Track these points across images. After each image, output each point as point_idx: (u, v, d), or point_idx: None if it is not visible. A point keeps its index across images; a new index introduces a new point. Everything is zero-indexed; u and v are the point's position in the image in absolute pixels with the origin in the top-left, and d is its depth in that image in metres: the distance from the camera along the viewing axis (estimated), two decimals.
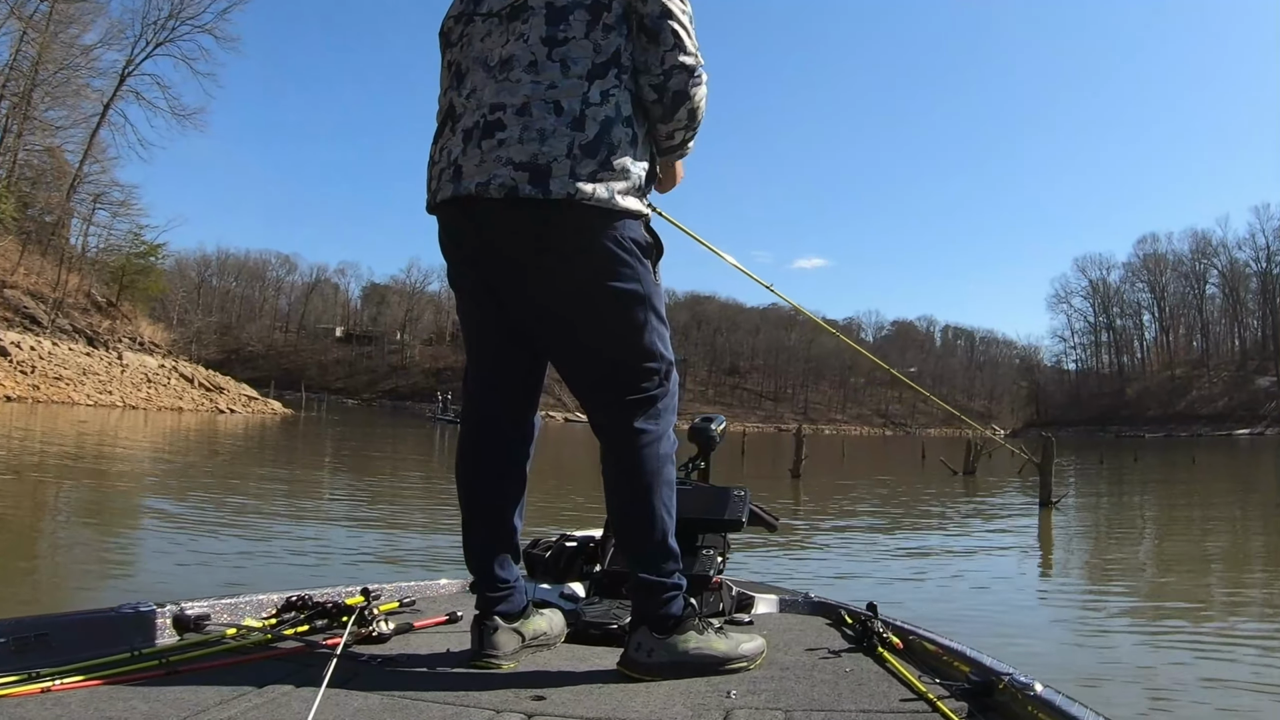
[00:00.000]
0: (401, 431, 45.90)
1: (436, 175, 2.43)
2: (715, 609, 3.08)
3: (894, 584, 8.51)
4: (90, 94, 49.75)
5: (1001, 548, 12.09)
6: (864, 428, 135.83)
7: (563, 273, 2.33)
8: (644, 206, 2.41)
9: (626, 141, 2.34)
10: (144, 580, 6.80)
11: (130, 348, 48.17)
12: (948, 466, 28.83)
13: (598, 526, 3.68)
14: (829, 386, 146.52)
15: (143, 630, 2.44)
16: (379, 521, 11.47)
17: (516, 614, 2.51)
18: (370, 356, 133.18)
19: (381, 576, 3.38)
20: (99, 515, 10.48)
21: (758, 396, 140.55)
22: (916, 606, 6.83)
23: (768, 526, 3.67)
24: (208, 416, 40.83)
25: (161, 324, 63.78)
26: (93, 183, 51.68)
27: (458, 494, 2.58)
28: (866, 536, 12.48)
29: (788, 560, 9.50)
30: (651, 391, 2.41)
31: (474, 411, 2.60)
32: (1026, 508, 17.34)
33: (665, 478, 2.40)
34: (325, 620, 2.57)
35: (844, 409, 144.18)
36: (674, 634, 2.34)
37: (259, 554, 8.42)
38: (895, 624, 2.79)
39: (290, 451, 25.70)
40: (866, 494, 20.52)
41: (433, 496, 14.31)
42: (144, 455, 19.25)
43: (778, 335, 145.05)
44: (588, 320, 2.37)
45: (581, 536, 3.65)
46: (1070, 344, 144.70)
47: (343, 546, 9.12)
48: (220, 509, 11.22)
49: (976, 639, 2.60)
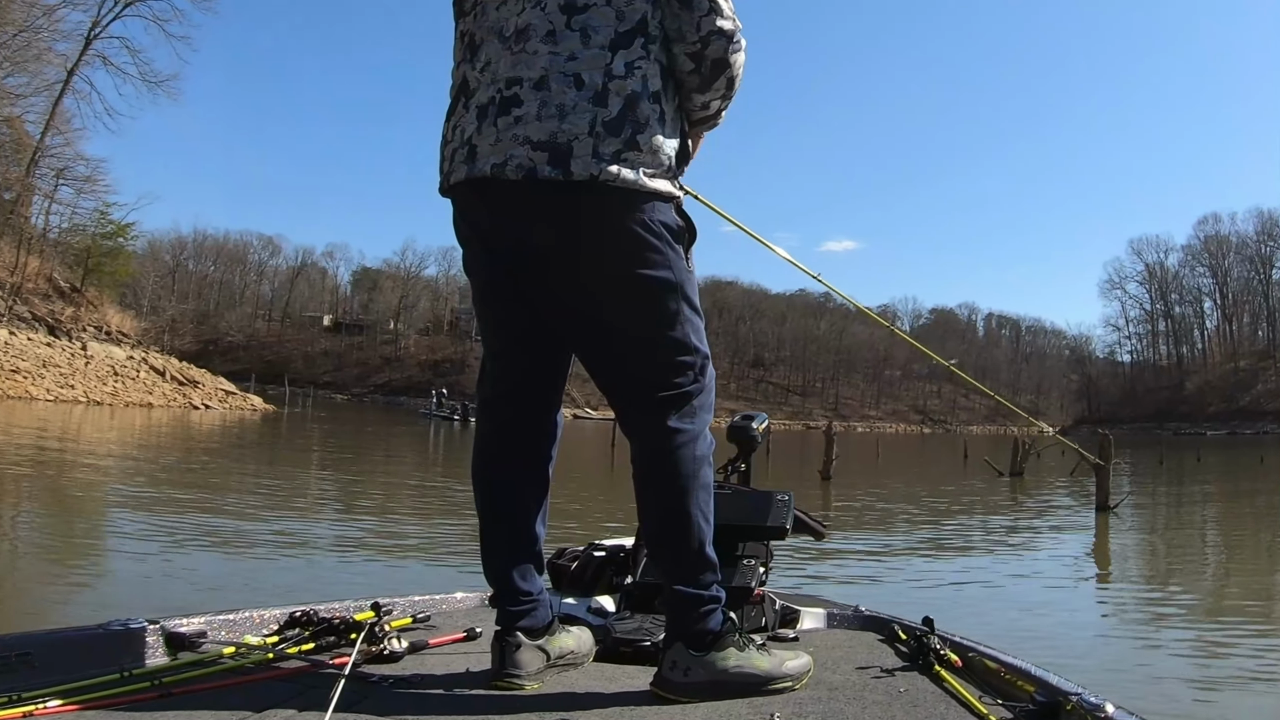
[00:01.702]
0: (395, 429, 46.03)
1: (449, 155, 2.42)
2: (757, 624, 3.07)
3: (935, 598, 8.50)
4: (53, 59, 49.25)
5: (1055, 557, 12.07)
6: (900, 425, 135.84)
7: (587, 260, 2.32)
8: (675, 188, 2.38)
9: (654, 118, 2.31)
10: (129, 594, 6.81)
11: (96, 338, 48.03)
12: (993, 467, 28.81)
13: (628, 534, 3.67)
14: (862, 380, 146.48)
15: (133, 649, 2.42)
16: (386, 528, 11.53)
17: (540, 630, 2.49)
18: (361, 347, 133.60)
19: (393, 589, 3.38)
20: (69, 523, 10.53)
21: (784, 391, 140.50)
22: (960, 622, 6.82)
23: (814, 534, 3.65)
24: (180, 413, 40.81)
25: (131, 312, 63.74)
26: (55, 156, 51.02)
27: (475, 498, 2.57)
28: (904, 545, 12.48)
29: (819, 571, 9.48)
30: (686, 387, 2.39)
31: (492, 408, 2.59)
32: (1081, 513, 17.31)
33: (702, 481, 2.38)
34: (332, 637, 2.55)
35: (878, 404, 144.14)
36: (712, 651, 2.32)
37: (257, 565, 8.45)
38: (953, 640, 2.76)
39: (273, 451, 25.78)
40: (904, 498, 20.51)
41: (442, 500, 14.37)
42: (113, 455, 19.30)
43: (806, 324, 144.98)
44: (615, 311, 2.36)
45: (611, 545, 3.63)
46: (1124, 333, 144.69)
47: (349, 557, 9.16)
48: (210, 514, 11.27)
49: (1030, 657, 2.59)
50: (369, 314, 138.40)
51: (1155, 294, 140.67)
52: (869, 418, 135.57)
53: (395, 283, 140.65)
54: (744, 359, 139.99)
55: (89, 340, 47.17)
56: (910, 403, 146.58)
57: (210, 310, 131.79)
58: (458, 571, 8.34)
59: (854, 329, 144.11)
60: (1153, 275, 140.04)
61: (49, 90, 49.73)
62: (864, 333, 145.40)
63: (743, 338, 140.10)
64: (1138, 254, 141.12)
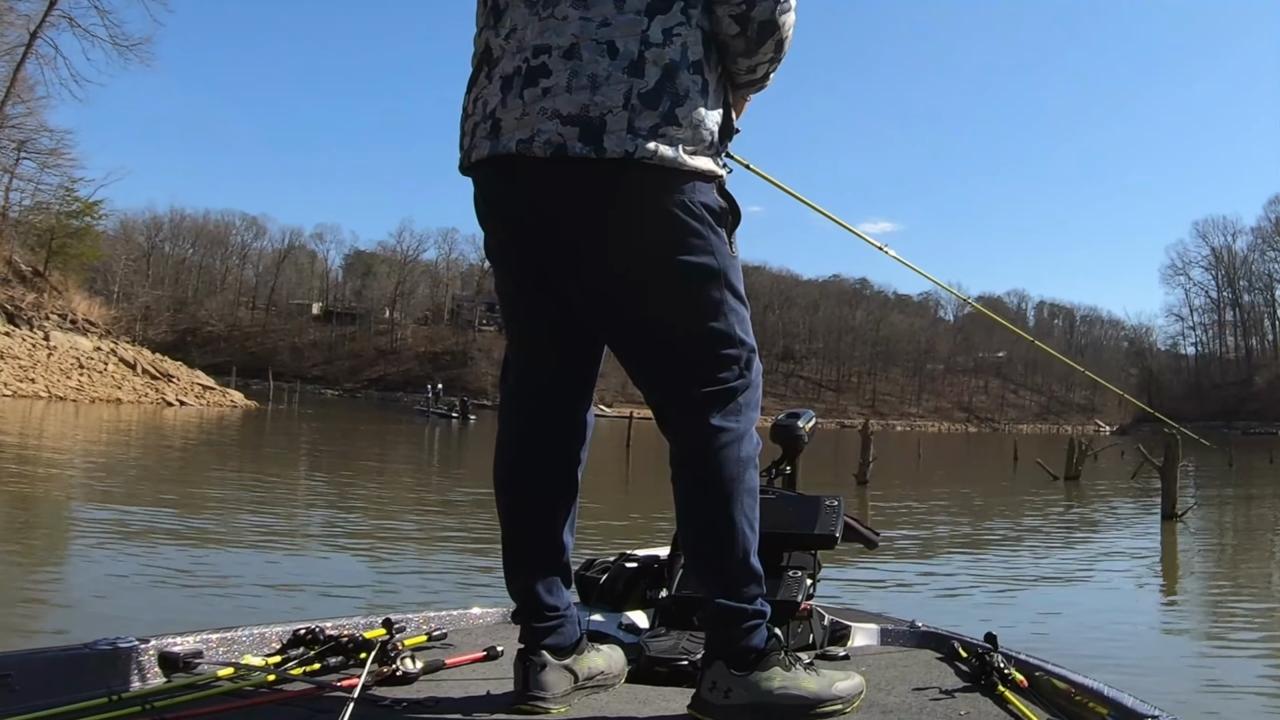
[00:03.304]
0: (387, 429, 46.06)
1: (470, 130, 2.41)
2: (804, 641, 3.07)
3: (985, 614, 8.46)
4: (14, 20, 48.54)
5: (1117, 571, 12.01)
6: (942, 423, 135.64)
7: (621, 245, 2.30)
8: (717, 166, 2.37)
9: (695, 89, 2.29)
10: (119, 610, 6.82)
11: (60, 326, 47.80)
12: (1046, 470, 28.75)
13: (663, 543, 3.66)
14: (901, 374, 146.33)
15: (122, 670, 2.42)
16: (391, 533, 11.56)
17: (568, 648, 2.49)
18: (354, 338, 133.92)
19: (406, 604, 3.36)
20: (39, 532, 10.59)
21: (816, 386, 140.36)
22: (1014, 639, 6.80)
23: (866, 543, 3.64)
24: (152, 409, 40.90)
25: (100, 298, 63.76)
26: (17, 127, 50.11)
27: (497, 505, 2.57)
28: (949, 556, 12.46)
29: (859, 584, 9.47)
30: (730, 383, 2.38)
31: (516, 406, 2.59)
32: (1145, 521, 17.25)
33: (747, 485, 2.37)
34: (340, 657, 2.55)
35: (919, 401, 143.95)
36: (756, 671, 2.31)
37: (254, 577, 8.47)
38: (1019, 658, 2.75)
39: (256, 450, 25.86)
40: (948, 503, 20.49)
41: (454, 506, 14.40)
42: (82, 456, 19.38)
43: (840, 313, 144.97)
44: (651, 301, 2.35)
45: (645, 556, 3.62)
46: (1188, 324, 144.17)
47: (357, 567, 9.19)
48: (200, 521, 11.34)
49: (1094, 678, 2.57)
50: (362, 302, 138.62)
51: (1222, 280, 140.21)
52: (909, 415, 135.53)
53: (391, 267, 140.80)
54: (772, 351, 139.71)
55: (52, 329, 46.89)
56: (954, 399, 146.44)
57: (188, 297, 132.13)
58: (476, 584, 8.35)
59: (893, 318, 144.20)
60: (1219, 260, 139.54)
61: (9, 54, 49.04)
62: (904, 322, 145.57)
63: (771, 328, 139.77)
64: (1203, 237, 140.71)
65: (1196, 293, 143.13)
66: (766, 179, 3.09)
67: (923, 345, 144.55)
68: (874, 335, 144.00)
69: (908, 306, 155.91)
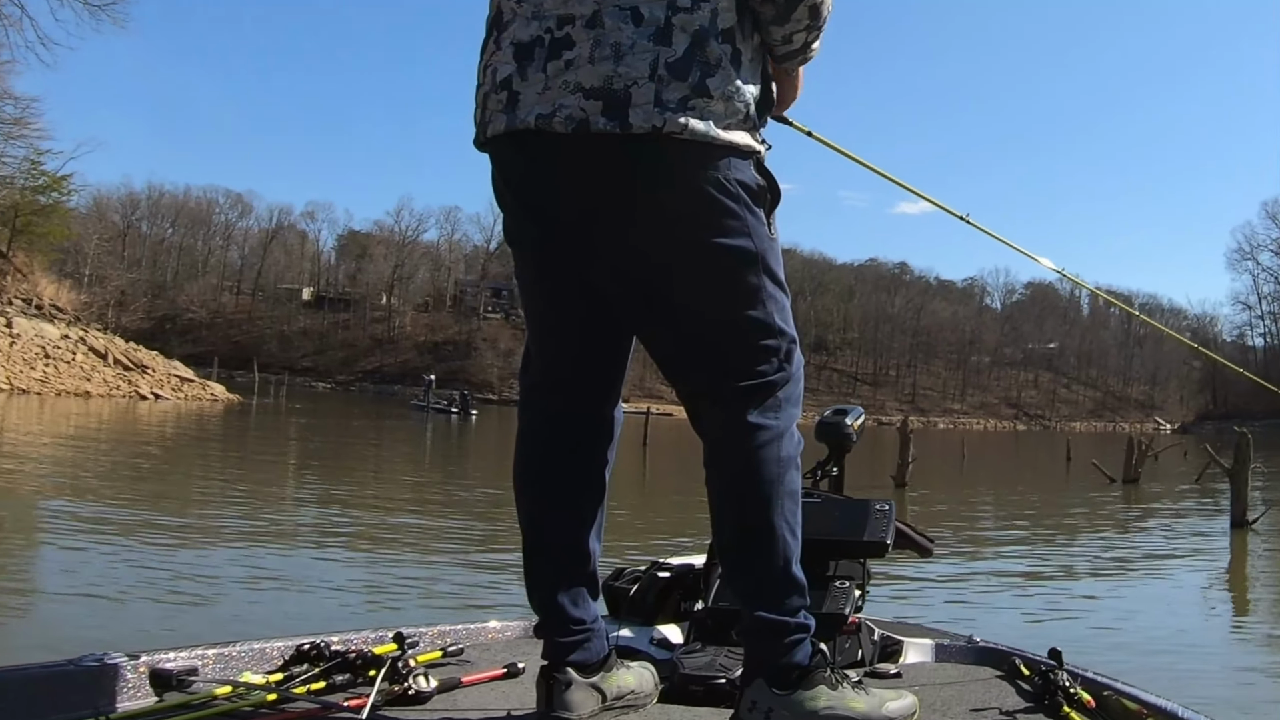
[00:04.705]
0: (383, 424, 46.11)
1: (483, 101, 2.41)
2: (852, 657, 3.06)
3: (1042, 628, 8.47)
4: None
5: (1182, 583, 12.00)
6: (988, 420, 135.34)
7: (650, 227, 2.29)
8: (755, 141, 2.35)
9: (727, 58, 2.28)
10: (103, 623, 6.85)
11: (24, 312, 47.76)
12: (1102, 472, 28.65)
13: (698, 551, 3.66)
14: (943, 367, 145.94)
15: (109, 688, 2.40)
16: (396, 540, 11.59)
17: (595, 665, 2.48)
18: (347, 326, 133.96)
19: (418, 616, 3.36)
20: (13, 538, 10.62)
21: (851, 380, 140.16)
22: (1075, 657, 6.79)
23: (920, 550, 3.64)
24: (125, 403, 41.00)
25: (69, 282, 63.77)
26: None
27: (518, 510, 2.56)
28: (1002, 565, 12.44)
29: (906, 594, 9.47)
30: (770, 376, 2.37)
31: (538, 402, 2.59)
32: (1212, 529, 17.19)
33: (788, 487, 2.37)
34: (347, 674, 2.55)
35: (963, 396, 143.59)
36: (799, 690, 2.30)
37: (251, 587, 8.53)
38: (1085, 676, 2.75)
39: (241, 447, 25.88)
40: (995, 509, 20.44)
41: (469, 508, 14.40)
42: (48, 453, 19.46)
43: (878, 300, 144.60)
44: (683, 288, 2.34)
45: (678, 565, 3.62)
46: (1256, 312, 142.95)
47: (361, 576, 9.19)
48: (180, 524, 11.38)
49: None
50: (357, 287, 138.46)
51: None
52: (952, 412, 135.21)
53: (388, 249, 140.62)
54: (804, 342, 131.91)
55: (15, 316, 46.77)
56: (1001, 394, 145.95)
57: (166, 281, 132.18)
58: (494, 595, 8.37)
59: (934, 306, 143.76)
60: None
61: None
62: (946, 310, 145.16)
63: (802, 316, 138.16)
64: (1272, 219, 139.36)
65: (1265, 279, 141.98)
66: (836, 149, 3.09)
67: (967, 335, 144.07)
68: (914, 324, 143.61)
69: (951, 293, 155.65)
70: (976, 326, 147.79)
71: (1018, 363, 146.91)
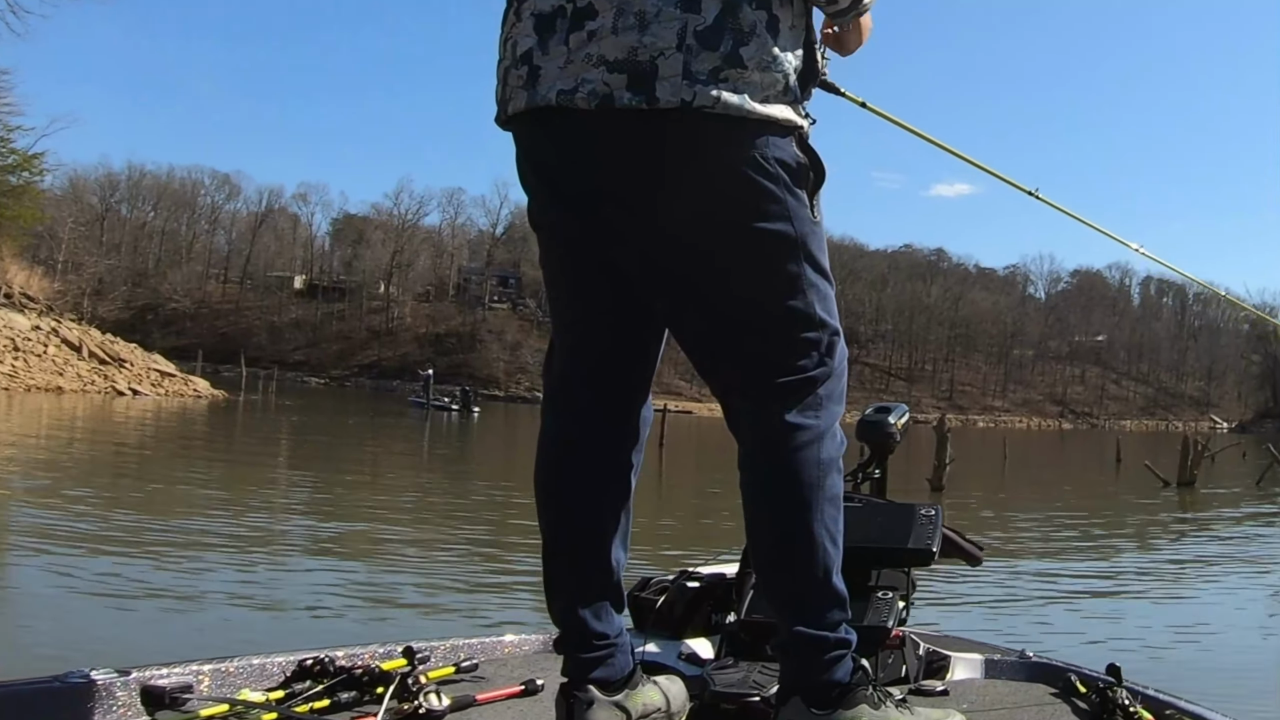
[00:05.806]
0: (378, 422, 46.12)
1: (504, 76, 2.40)
2: (896, 674, 3.05)
3: (1097, 642, 8.45)
4: None
5: (1245, 593, 11.97)
6: (1032, 418, 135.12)
7: (681, 211, 2.26)
8: (797, 115, 2.32)
9: (763, 24, 2.24)
10: (91, 637, 6.86)
11: None
12: (1154, 474, 28.59)
13: (730, 560, 3.65)
14: (983, 361, 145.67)
15: (99, 707, 2.40)
16: (401, 546, 11.61)
17: (619, 682, 2.46)
18: (342, 317, 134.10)
19: (427, 629, 3.35)
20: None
21: (884, 375, 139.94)
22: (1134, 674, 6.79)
23: (969, 559, 3.62)
24: (100, 400, 40.98)
25: (41, 269, 63.96)
26: None
27: (538, 515, 2.55)
28: (1046, 575, 12.42)
29: (952, 605, 9.47)
30: (810, 371, 2.35)
31: (562, 397, 2.57)
32: (1273, 534, 17.14)
33: (829, 492, 2.34)
34: (353, 691, 2.54)
35: (1004, 393, 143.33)
36: (839, 709, 2.29)
37: (248, 600, 8.53)
38: (1146, 694, 2.74)
39: (228, 449, 25.92)
40: (1042, 514, 20.35)
41: (479, 514, 14.41)
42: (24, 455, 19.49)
43: (913, 289, 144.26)
44: (717, 274, 2.31)
45: (709, 575, 3.60)
46: None
47: (368, 588, 9.20)
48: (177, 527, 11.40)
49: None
50: (353, 274, 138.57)
51: None
52: (992, 409, 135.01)
53: (387, 234, 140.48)
54: None
55: None
56: (1045, 390, 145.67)
57: (148, 268, 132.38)
58: (509, 606, 8.38)
59: (973, 295, 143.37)
60: None
61: None
62: (986, 300, 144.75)
63: None
64: None
65: None
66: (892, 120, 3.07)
67: (1009, 327, 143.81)
68: (952, 315, 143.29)
69: (991, 282, 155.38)
70: (1019, 317, 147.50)
71: (1063, 356, 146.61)
